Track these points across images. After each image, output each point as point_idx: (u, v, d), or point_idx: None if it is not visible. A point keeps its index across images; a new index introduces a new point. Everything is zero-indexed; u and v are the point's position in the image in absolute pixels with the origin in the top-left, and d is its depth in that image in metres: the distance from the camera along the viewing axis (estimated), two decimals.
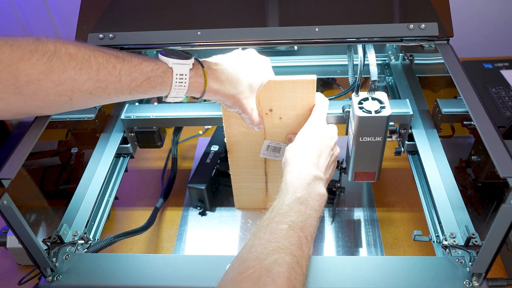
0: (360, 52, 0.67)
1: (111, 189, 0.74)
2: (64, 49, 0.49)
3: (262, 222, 0.53)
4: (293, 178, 0.58)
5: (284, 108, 0.68)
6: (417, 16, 0.69)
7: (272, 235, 0.50)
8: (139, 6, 0.73)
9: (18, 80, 0.47)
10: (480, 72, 1.14)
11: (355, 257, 0.60)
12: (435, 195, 0.65)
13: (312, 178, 0.58)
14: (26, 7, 1.29)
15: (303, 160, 0.60)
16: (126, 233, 0.71)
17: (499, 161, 0.47)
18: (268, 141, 0.73)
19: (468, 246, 0.57)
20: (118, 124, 0.81)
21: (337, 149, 0.66)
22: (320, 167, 0.61)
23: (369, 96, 0.64)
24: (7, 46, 0.46)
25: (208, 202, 0.86)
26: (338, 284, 0.54)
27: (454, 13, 0.69)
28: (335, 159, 0.66)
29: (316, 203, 0.56)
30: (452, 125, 0.77)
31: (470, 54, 1.34)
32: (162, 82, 0.55)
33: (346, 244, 0.81)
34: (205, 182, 0.84)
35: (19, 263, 0.81)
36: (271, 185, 0.80)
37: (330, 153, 0.63)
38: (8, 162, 0.53)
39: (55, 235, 0.62)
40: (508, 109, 1.00)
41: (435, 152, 0.72)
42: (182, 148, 1.07)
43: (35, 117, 0.58)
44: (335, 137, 0.65)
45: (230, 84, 0.59)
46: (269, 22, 0.70)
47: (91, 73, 0.50)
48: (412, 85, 0.86)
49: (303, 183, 0.57)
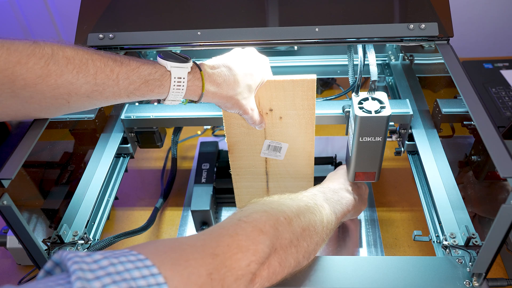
0: (360, 52, 0.67)
1: (111, 189, 0.74)
2: (61, 52, 0.49)
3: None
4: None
5: (285, 108, 0.68)
6: (417, 16, 0.69)
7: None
8: (139, 6, 0.73)
9: (15, 84, 0.47)
10: (480, 72, 1.14)
11: (355, 257, 0.60)
12: (435, 195, 0.65)
13: (339, 188, 0.67)
14: (26, 7, 1.29)
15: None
16: (126, 233, 0.71)
17: (499, 161, 0.47)
18: (268, 141, 0.73)
19: (468, 246, 0.57)
20: (118, 124, 0.81)
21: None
22: (347, 186, 0.70)
23: (369, 96, 0.64)
24: (4, 49, 0.46)
25: (213, 223, 0.83)
26: (338, 284, 0.54)
27: (454, 13, 0.69)
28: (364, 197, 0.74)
29: (336, 197, 0.65)
30: (452, 125, 0.77)
31: (470, 54, 1.34)
32: (160, 85, 0.54)
33: (346, 244, 0.81)
34: (207, 203, 0.81)
35: (19, 263, 0.81)
36: (272, 185, 0.80)
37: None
38: (8, 162, 0.53)
39: (55, 235, 0.62)
40: (508, 109, 1.00)
41: (435, 152, 0.72)
42: (182, 148, 1.07)
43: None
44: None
45: (228, 86, 0.59)
46: (269, 22, 0.70)
47: (89, 77, 0.50)
48: (412, 85, 0.86)
49: (331, 188, 0.67)
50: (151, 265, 0.34)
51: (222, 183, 0.85)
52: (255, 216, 0.47)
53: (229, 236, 0.43)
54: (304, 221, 0.52)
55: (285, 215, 0.50)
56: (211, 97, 0.59)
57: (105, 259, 0.33)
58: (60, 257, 0.32)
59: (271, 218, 0.48)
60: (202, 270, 0.38)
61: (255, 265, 0.43)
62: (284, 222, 0.49)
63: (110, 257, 0.33)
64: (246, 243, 0.43)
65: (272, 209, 0.49)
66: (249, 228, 0.45)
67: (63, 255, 0.32)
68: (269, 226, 0.46)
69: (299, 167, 0.76)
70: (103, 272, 0.31)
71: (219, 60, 0.61)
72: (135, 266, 0.33)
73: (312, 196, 0.60)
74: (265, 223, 0.46)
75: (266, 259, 0.45)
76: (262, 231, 0.45)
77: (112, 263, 0.32)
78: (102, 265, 0.32)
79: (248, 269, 0.42)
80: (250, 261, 0.42)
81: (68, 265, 0.31)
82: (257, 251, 0.43)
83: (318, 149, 1.02)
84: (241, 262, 0.41)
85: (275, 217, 0.48)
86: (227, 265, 0.40)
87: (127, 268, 0.33)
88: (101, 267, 0.32)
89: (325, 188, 0.66)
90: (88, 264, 0.31)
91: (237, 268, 0.41)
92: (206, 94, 0.58)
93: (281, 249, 0.47)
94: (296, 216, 0.51)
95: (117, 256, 0.34)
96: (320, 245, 0.55)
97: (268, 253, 0.45)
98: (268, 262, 0.45)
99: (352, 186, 0.70)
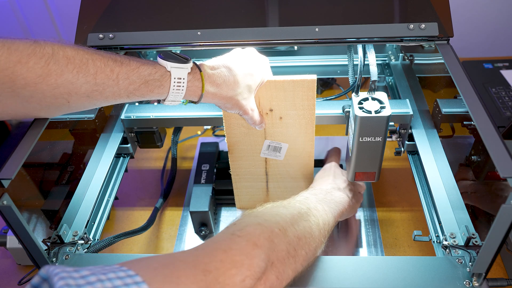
0: (360, 52, 0.67)
1: (111, 189, 0.74)
2: (62, 52, 0.49)
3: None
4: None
5: (285, 108, 0.68)
6: (417, 16, 0.69)
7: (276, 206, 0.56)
8: (139, 6, 0.73)
9: (15, 84, 0.47)
10: (480, 72, 1.14)
11: (355, 257, 0.60)
12: (435, 195, 0.65)
13: (331, 188, 0.68)
14: (26, 7, 1.29)
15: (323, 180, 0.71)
16: (126, 233, 0.71)
17: (499, 161, 0.47)
18: (268, 141, 0.73)
19: (468, 246, 0.57)
20: (118, 124, 0.81)
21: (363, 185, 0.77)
22: (338, 184, 0.70)
23: (369, 96, 0.64)
24: (5, 49, 0.46)
25: (212, 224, 0.83)
26: (338, 284, 0.54)
27: (454, 13, 0.69)
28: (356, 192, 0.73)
29: (330, 199, 0.64)
30: (452, 125, 0.77)
31: (470, 54, 1.34)
32: (160, 86, 0.54)
33: (346, 244, 0.81)
34: (206, 204, 0.80)
35: (19, 263, 0.81)
36: (272, 185, 0.80)
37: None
38: (8, 162, 0.53)
39: (55, 235, 0.62)
40: (508, 109, 1.00)
41: (435, 152, 0.72)
42: (182, 148, 1.07)
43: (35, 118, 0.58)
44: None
45: (228, 87, 0.59)
46: (269, 22, 0.70)
47: (89, 77, 0.50)
48: (412, 85, 0.86)
49: (323, 189, 0.68)
50: (141, 281, 0.33)
51: (222, 184, 0.85)
52: (249, 230, 0.46)
53: (223, 251, 0.42)
54: (299, 229, 0.51)
55: (279, 226, 0.49)
56: (211, 98, 0.59)
57: (93, 275, 0.32)
58: (47, 272, 0.31)
59: (266, 230, 0.47)
60: (193, 287, 0.37)
61: (250, 280, 0.41)
62: (279, 233, 0.48)
63: (98, 273, 0.32)
64: (240, 258, 0.42)
65: (266, 221, 0.49)
66: (243, 242, 0.44)
67: (50, 270, 0.31)
68: (263, 239, 0.45)
69: (299, 167, 0.76)
70: (90, 287, 0.31)
71: (219, 60, 0.61)
72: (124, 283, 0.32)
73: (305, 200, 0.60)
74: (260, 236, 0.45)
75: (262, 273, 0.43)
76: (256, 245, 0.44)
77: (99, 279, 0.31)
78: (89, 280, 0.31)
79: (243, 285, 0.40)
80: (245, 276, 0.41)
81: (54, 281, 0.30)
82: (251, 265, 0.42)
83: (318, 149, 1.02)
84: (235, 278, 0.40)
85: (270, 229, 0.47)
86: (221, 282, 0.39)
87: (115, 285, 0.32)
88: (88, 282, 0.31)
89: (317, 190, 0.66)
90: (75, 280, 0.31)
91: (231, 284, 0.39)
92: (206, 95, 0.58)
93: (278, 261, 0.46)
94: (291, 225, 0.51)
95: (105, 272, 0.33)
96: (318, 249, 0.55)
97: (264, 268, 0.43)
98: (265, 277, 0.44)
99: (343, 184, 0.70)
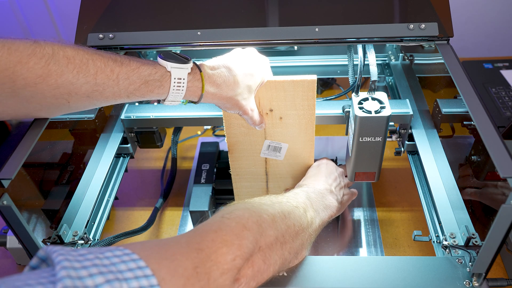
0: (360, 52, 0.67)
1: (111, 189, 0.74)
2: (62, 52, 0.49)
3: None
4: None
5: (285, 108, 0.68)
6: (417, 16, 0.69)
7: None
8: (139, 6, 0.73)
9: (15, 84, 0.47)
10: (480, 72, 1.13)
11: (355, 257, 0.60)
12: (435, 195, 0.65)
13: (324, 189, 0.66)
14: (26, 7, 1.29)
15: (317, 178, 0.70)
16: (126, 233, 0.71)
17: (499, 161, 0.47)
18: (268, 141, 0.73)
19: (468, 246, 0.57)
20: (118, 124, 0.81)
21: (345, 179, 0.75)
22: (330, 183, 0.69)
23: (369, 96, 0.64)
24: (5, 49, 0.46)
25: None
26: (338, 284, 0.54)
27: (454, 13, 0.69)
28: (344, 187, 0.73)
29: (320, 206, 0.62)
30: (452, 125, 0.77)
31: (470, 54, 1.34)
32: (160, 86, 0.55)
33: (346, 244, 0.81)
34: (206, 203, 0.81)
35: (19, 263, 0.81)
36: (272, 185, 0.80)
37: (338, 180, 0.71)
38: (8, 162, 0.53)
39: (55, 235, 0.62)
40: (508, 109, 1.00)
41: (435, 152, 0.72)
42: (182, 148, 1.07)
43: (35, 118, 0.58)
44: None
45: (227, 87, 0.59)
46: (269, 22, 0.70)
47: (89, 77, 0.50)
48: (412, 85, 0.86)
49: (317, 188, 0.66)
50: (137, 258, 0.34)
51: (222, 184, 0.85)
52: (238, 213, 0.47)
53: (213, 231, 0.43)
54: (289, 218, 0.52)
55: (267, 213, 0.50)
56: (210, 98, 0.59)
57: (91, 253, 0.33)
58: (45, 252, 0.32)
59: (254, 215, 0.48)
60: (188, 263, 0.38)
61: (240, 260, 0.43)
62: (268, 219, 0.49)
63: (96, 252, 0.33)
64: (230, 238, 0.43)
65: (254, 207, 0.50)
66: (232, 224, 0.45)
67: (48, 249, 0.32)
68: (252, 223, 0.46)
69: (299, 167, 0.76)
70: (90, 263, 0.31)
71: (219, 60, 0.61)
72: (121, 260, 0.33)
73: (294, 196, 0.60)
74: (248, 219, 0.47)
75: (250, 255, 0.45)
76: (245, 227, 0.45)
77: (98, 257, 0.33)
78: (88, 257, 0.32)
79: (234, 264, 0.42)
80: (236, 255, 0.42)
81: (53, 257, 0.31)
82: (241, 245, 0.43)
83: (318, 149, 1.02)
84: (227, 257, 0.41)
85: (258, 214, 0.49)
86: (213, 259, 0.40)
87: (113, 262, 0.33)
88: (87, 259, 0.32)
89: (310, 188, 0.66)
90: (74, 256, 0.32)
91: (222, 262, 0.41)
92: (205, 95, 0.58)
93: (266, 246, 0.47)
94: (280, 213, 0.52)
95: (103, 251, 0.34)
96: (308, 242, 0.56)
97: (252, 249, 0.45)
98: (252, 260, 0.45)
99: (334, 183, 0.69)
